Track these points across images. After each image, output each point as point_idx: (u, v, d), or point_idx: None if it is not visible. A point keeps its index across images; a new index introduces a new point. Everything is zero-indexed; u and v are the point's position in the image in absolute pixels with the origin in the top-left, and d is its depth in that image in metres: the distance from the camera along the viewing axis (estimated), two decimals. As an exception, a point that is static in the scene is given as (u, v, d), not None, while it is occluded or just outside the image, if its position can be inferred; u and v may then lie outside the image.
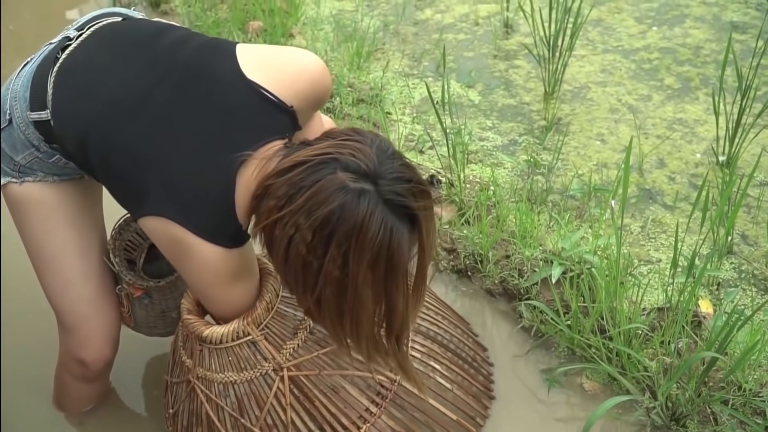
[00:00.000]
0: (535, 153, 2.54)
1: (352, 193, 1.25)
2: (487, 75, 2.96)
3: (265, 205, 1.32)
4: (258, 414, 1.57)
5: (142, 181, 1.41)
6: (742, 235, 2.21)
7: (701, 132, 2.60)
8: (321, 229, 1.26)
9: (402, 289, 1.34)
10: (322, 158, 1.29)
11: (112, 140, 1.42)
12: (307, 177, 1.28)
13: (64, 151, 1.50)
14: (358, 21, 3.28)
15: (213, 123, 1.41)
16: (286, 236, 1.28)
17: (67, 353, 1.76)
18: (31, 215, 1.59)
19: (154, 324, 1.81)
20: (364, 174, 1.27)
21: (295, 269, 1.31)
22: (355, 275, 1.28)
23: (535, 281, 2.06)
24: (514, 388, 1.90)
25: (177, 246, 1.42)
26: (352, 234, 1.25)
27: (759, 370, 1.81)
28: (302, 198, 1.26)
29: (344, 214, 1.25)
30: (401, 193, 1.29)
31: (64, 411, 1.91)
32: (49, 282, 1.67)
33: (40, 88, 1.48)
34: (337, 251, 1.27)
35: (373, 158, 1.29)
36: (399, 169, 1.31)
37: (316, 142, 1.34)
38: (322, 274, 1.29)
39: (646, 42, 3.06)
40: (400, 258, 1.30)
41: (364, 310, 1.33)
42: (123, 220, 1.76)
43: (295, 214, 1.27)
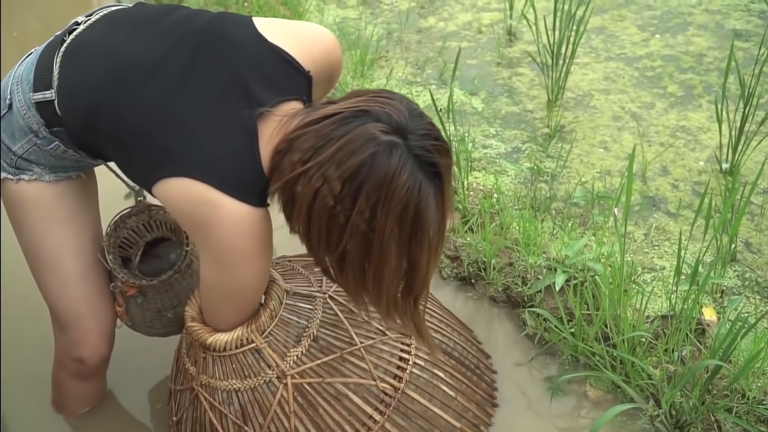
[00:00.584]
0: (539, 160, 2.54)
1: (384, 145, 1.25)
2: (490, 82, 2.96)
3: (289, 160, 1.30)
4: (262, 422, 1.57)
5: (160, 143, 1.38)
6: (745, 242, 2.20)
7: (704, 139, 2.60)
8: (350, 180, 1.25)
9: (425, 246, 1.33)
10: (353, 111, 1.28)
11: (127, 103, 1.41)
12: (336, 128, 1.27)
13: (68, 129, 1.48)
14: (361, 29, 3.29)
15: (232, 80, 1.39)
16: (312, 189, 1.27)
17: (63, 351, 1.77)
18: (28, 216, 1.59)
19: (151, 323, 1.80)
20: (396, 127, 1.27)
21: (319, 224, 1.30)
22: (382, 229, 1.27)
23: (539, 289, 2.06)
24: (517, 396, 1.90)
25: (199, 208, 1.36)
26: (383, 186, 1.24)
27: (763, 377, 1.81)
28: (332, 149, 1.25)
29: (375, 166, 1.24)
30: (429, 149, 1.29)
31: (63, 412, 1.91)
32: (45, 281, 1.67)
33: (46, 70, 1.48)
34: (365, 203, 1.25)
35: (404, 113, 1.29)
36: (427, 127, 1.31)
37: (343, 99, 1.33)
38: (349, 228, 1.28)
39: (649, 50, 3.06)
40: (427, 214, 1.29)
41: (388, 267, 1.32)
42: (119, 217, 1.75)
43: (324, 165, 1.25)
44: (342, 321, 1.62)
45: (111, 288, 1.73)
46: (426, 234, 1.31)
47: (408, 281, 1.37)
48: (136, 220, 1.78)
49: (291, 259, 1.82)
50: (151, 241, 1.82)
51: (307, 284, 1.68)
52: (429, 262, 1.36)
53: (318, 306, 1.62)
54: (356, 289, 1.38)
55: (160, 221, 1.79)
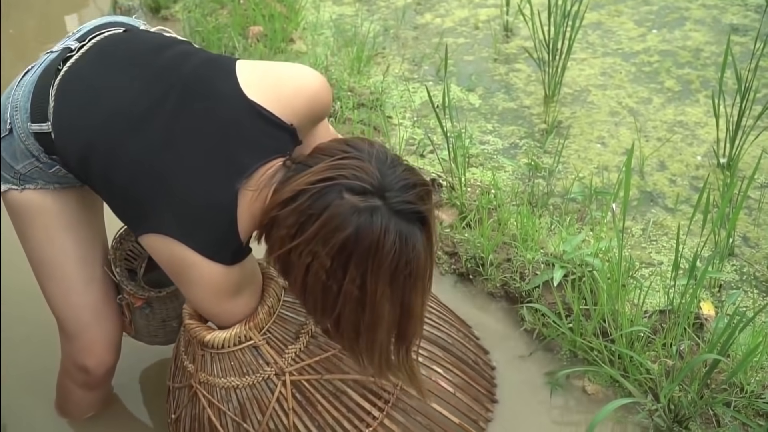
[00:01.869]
0: (536, 156, 2.54)
1: (365, 214, 1.26)
2: (487, 79, 2.96)
3: (277, 235, 1.33)
4: (260, 419, 1.57)
5: (144, 198, 1.41)
6: (743, 237, 2.21)
7: (702, 134, 2.60)
8: (339, 254, 1.27)
9: (420, 292, 1.36)
10: (325, 184, 1.29)
11: (115, 156, 1.42)
12: (313, 204, 1.28)
13: (65, 163, 1.50)
14: (358, 25, 3.29)
15: (215, 141, 1.41)
16: (303, 264, 1.30)
17: (69, 360, 1.76)
18: (33, 223, 1.59)
19: (155, 333, 1.81)
20: (371, 192, 1.28)
21: (314, 294, 1.33)
22: (374, 292, 1.30)
23: (537, 284, 2.06)
24: (516, 391, 1.90)
25: (178, 263, 1.42)
26: (370, 254, 1.27)
27: (761, 371, 1.81)
28: (315, 226, 1.27)
29: (360, 236, 1.26)
30: (411, 200, 1.30)
31: (66, 417, 1.91)
32: (50, 289, 1.67)
33: (42, 100, 1.49)
34: (356, 272, 1.28)
35: (375, 174, 1.29)
36: (403, 177, 1.31)
37: (312, 163, 1.33)
38: (342, 296, 1.31)
39: (646, 45, 3.06)
40: (418, 263, 1.32)
41: (381, 325, 1.35)
42: (124, 230, 1.76)
43: (311, 243, 1.28)
44: (340, 317, 1.62)
45: (118, 300, 1.73)
46: (418, 281, 1.34)
47: (403, 329, 1.39)
48: None
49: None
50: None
51: (305, 281, 1.68)
52: (422, 303, 1.39)
53: (316, 303, 1.62)
54: (350, 347, 1.41)
55: None
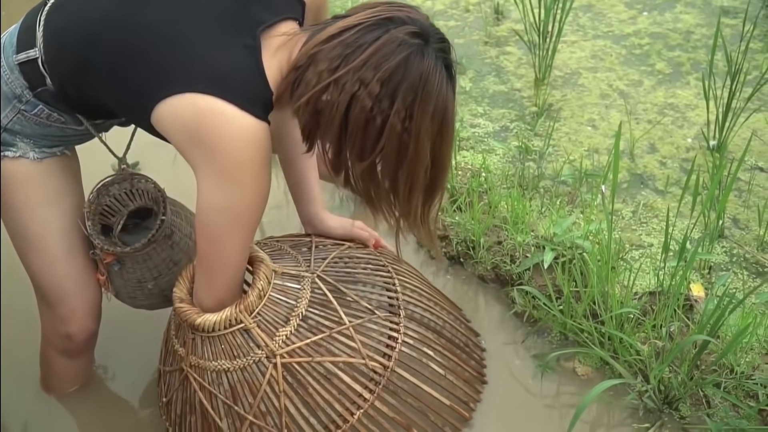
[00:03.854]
0: (527, 139, 2.54)
1: (415, 47, 1.32)
2: (478, 62, 2.95)
3: (313, 71, 1.33)
4: (251, 401, 1.57)
5: (162, 61, 1.37)
6: (733, 219, 2.21)
7: (692, 117, 2.61)
8: (389, 81, 1.31)
9: (450, 143, 1.42)
10: (377, 19, 1.33)
11: (127, 26, 1.40)
12: (363, 36, 1.32)
13: (56, 82, 1.47)
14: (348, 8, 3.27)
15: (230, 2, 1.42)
16: (347, 95, 1.31)
17: (50, 328, 1.77)
18: (13, 195, 1.59)
19: (133, 294, 1.79)
20: (419, 32, 1.33)
21: (354, 131, 1.34)
22: (418, 128, 1.34)
23: (527, 267, 2.06)
24: (506, 373, 1.91)
25: (205, 119, 1.34)
26: (419, 86, 1.32)
27: (751, 353, 1.82)
28: (365, 54, 1.30)
29: (411, 66, 1.31)
30: (447, 51, 1.37)
31: (51, 392, 1.91)
32: (31, 260, 1.67)
33: (29, 31, 1.48)
34: (402, 104, 1.32)
35: (425, 19, 1.36)
36: (440, 32, 1.39)
37: (354, 13, 1.37)
38: (386, 130, 1.33)
39: (637, 27, 3.06)
40: (452, 111, 1.39)
41: (421, 166, 1.38)
42: (101, 185, 1.73)
43: (359, 70, 1.31)
44: (331, 300, 1.62)
45: (90, 254, 1.72)
46: (451, 128, 1.40)
47: (432, 180, 1.43)
48: (118, 188, 1.75)
49: (279, 239, 1.82)
50: (142, 214, 1.80)
51: (296, 264, 1.68)
52: (450, 157, 1.45)
53: (306, 286, 1.62)
54: (383, 193, 1.43)
55: (142, 190, 1.77)
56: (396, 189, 1.41)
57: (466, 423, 1.77)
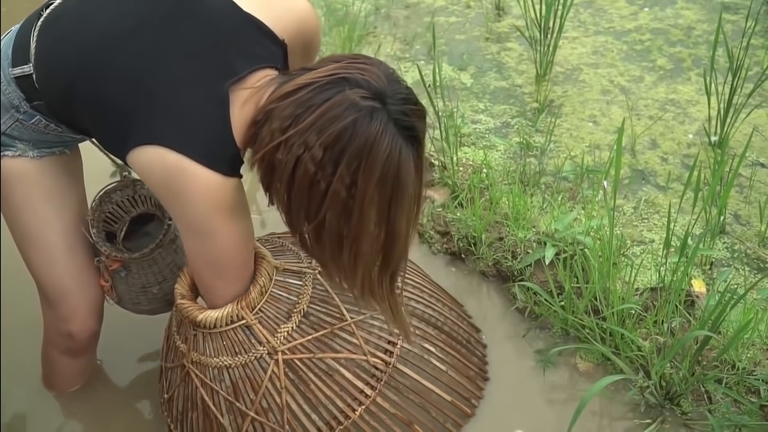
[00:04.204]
0: (528, 135, 2.54)
1: (364, 111, 1.26)
2: (479, 58, 2.95)
3: (268, 129, 1.30)
4: (253, 398, 1.57)
5: (134, 109, 1.37)
6: (734, 214, 2.21)
7: (693, 112, 2.60)
8: (332, 146, 1.25)
9: (405, 212, 1.34)
10: (331, 78, 1.28)
11: (107, 66, 1.40)
12: (315, 96, 1.27)
13: (47, 100, 1.47)
14: (349, 5, 3.27)
15: (207, 48, 1.39)
16: (293, 157, 1.27)
17: (52, 327, 1.77)
18: (13, 193, 1.58)
19: (137, 300, 1.80)
20: (375, 93, 1.27)
21: (299, 192, 1.30)
22: (362, 195, 1.28)
23: (529, 263, 2.06)
24: (508, 369, 1.91)
25: (173, 176, 1.36)
26: (363, 151, 1.25)
27: (752, 348, 1.82)
28: (312, 116, 1.26)
29: (357, 131, 1.25)
30: (408, 113, 1.30)
31: (53, 390, 1.91)
32: (32, 258, 1.67)
33: (23, 43, 1.47)
34: (346, 170, 1.26)
35: (382, 78, 1.29)
36: (405, 91, 1.32)
37: (318, 66, 1.33)
38: (329, 195, 1.28)
39: (638, 23, 3.06)
40: (407, 179, 1.31)
41: (366, 234, 1.32)
42: (104, 192, 1.74)
43: (305, 133, 1.26)
44: (332, 297, 1.62)
45: (96, 262, 1.72)
46: (405, 197, 1.32)
47: (386, 254, 1.37)
48: (120, 195, 1.77)
49: (280, 235, 1.82)
50: (140, 219, 1.81)
51: (297, 260, 1.68)
52: (407, 231, 1.37)
53: (308, 282, 1.62)
54: (332, 259, 1.38)
55: (144, 196, 1.79)
56: (341, 257, 1.36)
57: (467, 419, 1.77)
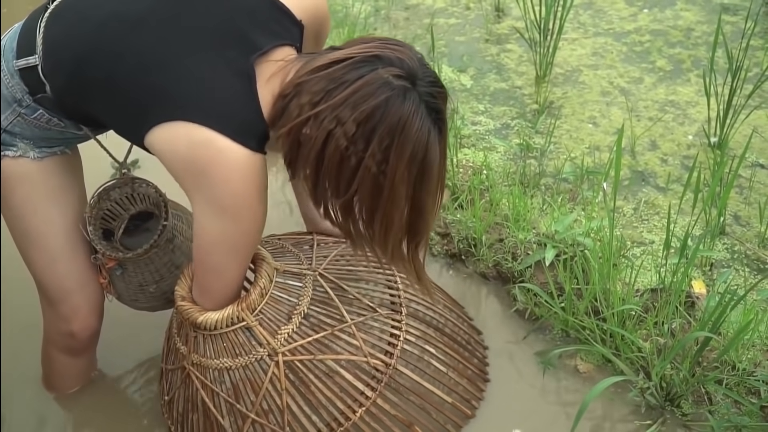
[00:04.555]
0: (528, 137, 2.54)
1: (398, 90, 1.28)
2: (478, 59, 2.95)
3: (297, 103, 1.31)
4: (254, 399, 1.57)
5: (157, 86, 1.37)
6: (734, 215, 2.21)
7: (693, 114, 2.60)
8: (365, 122, 1.27)
9: (431, 189, 1.37)
10: (365, 55, 1.30)
11: (120, 51, 1.39)
12: (349, 72, 1.29)
13: (53, 89, 1.46)
14: (349, 6, 3.27)
15: (227, 24, 1.39)
16: (324, 131, 1.29)
17: (52, 327, 1.77)
18: (14, 194, 1.58)
19: (135, 297, 1.79)
20: (407, 73, 1.30)
21: (329, 167, 1.31)
22: (393, 172, 1.30)
23: (529, 264, 2.06)
24: (508, 371, 1.91)
25: (200, 152, 1.34)
26: (396, 130, 1.28)
27: (753, 349, 1.82)
28: (346, 92, 1.27)
29: (390, 109, 1.27)
30: (436, 96, 1.33)
31: (53, 391, 1.91)
32: (33, 258, 1.67)
33: (29, 37, 1.47)
34: (378, 146, 1.28)
35: (414, 60, 1.32)
36: (433, 74, 1.35)
37: (348, 45, 1.35)
38: (360, 171, 1.30)
39: (638, 24, 3.06)
40: (434, 158, 1.34)
41: (397, 210, 1.35)
42: (102, 189, 1.73)
43: (338, 108, 1.28)
44: (332, 298, 1.62)
45: (92, 260, 1.72)
46: (432, 177, 1.36)
47: (412, 225, 1.40)
48: (119, 193, 1.76)
49: (280, 237, 1.82)
50: (142, 216, 1.80)
51: (297, 262, 1.68)
52: (433, 206, 1.41)
53: (308, 283, 1.62)
54: (361, 234, 1.41)
55: (143, 194, 1.78)
56: (372, 229, 1.38)
57: (468, 420, 1.77)
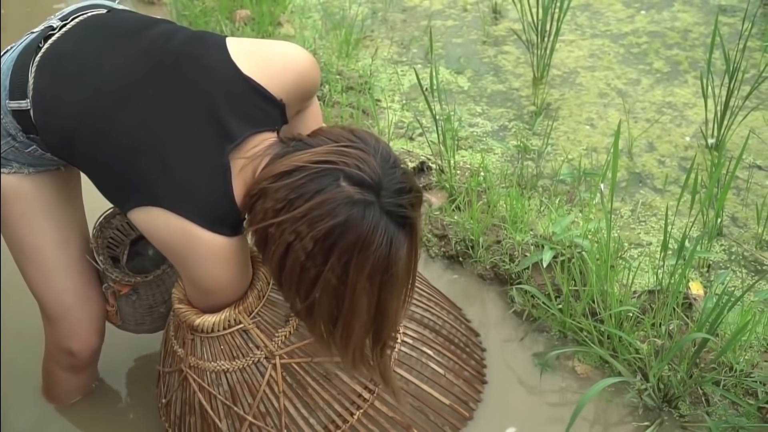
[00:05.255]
0: (525, 138, 2.54)
1: (357, 207, 1.26)
2: (476, 61, 2.95)
3: (261, 206, 1.31)
4: (251, 402, 1.57)
5: (135, 171, 1.39)
6: (731, 217, 2.21)
7: (690, 115, 2.61)
8: (323, 240, 1.26)
9: (396, 296, 1.36)
10: (325, 166, 1.28)
11: (103, 130, 1.40)
12: (308, 183, 1.27)
13: (44, 141, 1.47)
14: (346, 8, 3.27)
15: (205, 111, 1.39)
16: (284, 242, 1.28)
17: (53, 344, 1.76)
18: (9, 209, 1.57)
19: (142, 320, 1.80)
20: (368, 186, 1.28)
21: (290, 275, 1.32)
22: (354, 285, 1.29)
23: (527, 266, 2.06)
24: (506, 373, 1.91)
25: (178, 239, 1.39)
26: (355, 247, 1.26)
27: (750, 350, 1.82)
28: (305, 206, 1.26)
29: (348, 228, 1.26)
30: (403, 204, 1.30)
31: (53, 402, 1.90)
32: (31, 274, 1.66)
33: (21, 77, 1.46)
34: (337, 261, 1.27)
35: (377, 169, 1.29)
36: (401, 179, 1.32)
37: (314, 143, 1.33)
38: (320, 282, 1.30)
39: (635, 26, 3.06)
40: (398, 267, 1.32)
41: (358, 319, 1.34)
42: (103, 218, 1.75)
43: (297, 222, 1.27)
44: (330, 300, 1.62)
45: (103, 289, 1.72)
46: (396, 283, 1.34)
47: (376, 329, 1.39)
48: (120, 219, 1.77)
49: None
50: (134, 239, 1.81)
51: (295, 264, 1.68)
52: (398, 308, 1.39)
53: (305, 286, 1.62)
54: (323, 337, 1.40)
55: None
56: (333, 335, 1.38)
57: (466, 422, 1.77)
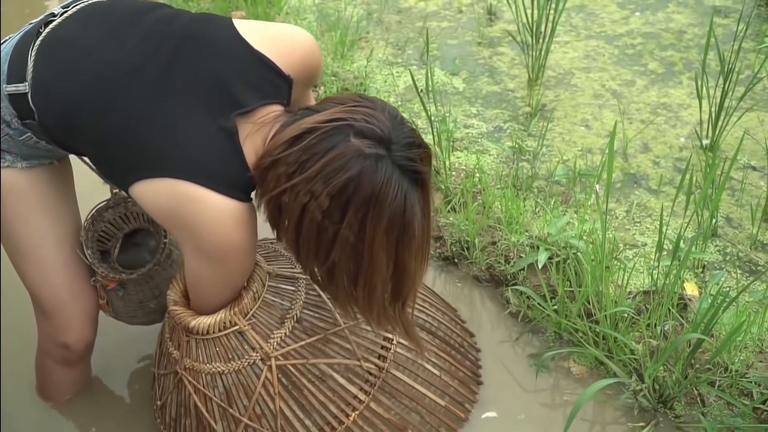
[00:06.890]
0: (520, 139, 2.54)
1: (370, 160, 1.27)
2: (471, 62, 2.96)
3: (274, 174, 1.31)
4: (246, 404, 1.57)
5: (142, 143, 1.38)
6: (726, 217, 2.22)
7: (685, 116, 2.61)
8: (339, 196, 1.27)
9: (413, 251, 1.37)
10: (335, 124, 1.29)
11: (105, 107, 1.40)
12: (319, 143, 1.28)
13: (41, 126, 1.46)
14: (341, 10, 3.27)
15: (213, 82, 1.39)
16: (299, 204, 1.29)
17: (47, 338, 1.76)
18: (4, 205, 1.57)
19: (134, 314, 1.80)
20: (379, 140, 1.29)
21: (308, 237, 1.32)
22: (371, 240, 1.30)
23: (522, 267, 2.06)
24: (501, 373, 1.91)
25: (184, 206, 1.36)
26: (371, 200, 1.27)
27: (745, 351, 1.82)
28: (317, 165, 1.27)
29: (362, 181, 1.27)
30: (413, 158, 1.32)
31: (48, 400, 1.90)
32: (26, 270, 1.66)
33: (20, 62, 1.46)
34: (354, 217, 1.28)
35: (386, 123, 1.31)
36: (409, 135, 1.33)
37: (322, 108, 1.34)
38: (338, 240, 1.30)
39: (630, 27, 3.06)
40: (414, 221, 1.33)
41: (378, 275, 1.35)
42: (96, 211, 1.74)
43: (311, 182, 1.27)
44: (325, 302, 1.62)
45: (92, 282, 1.72)
46: (413, 239, 1.35)
47: (396, 286, 1.40)
48: (113, 213, 1.77)
49: (273, 241, 1.82)
50: (129, 231, 1.81)
51: (290, 266, 1.68)
52: (417, 266, 1.40)
53: (301, 287, 1.62)
54: (346, 298, 1.40)
55: (137, 213, 1.79)
56: (355, 294, 1.39)
57: (461, 423, 1.77)
